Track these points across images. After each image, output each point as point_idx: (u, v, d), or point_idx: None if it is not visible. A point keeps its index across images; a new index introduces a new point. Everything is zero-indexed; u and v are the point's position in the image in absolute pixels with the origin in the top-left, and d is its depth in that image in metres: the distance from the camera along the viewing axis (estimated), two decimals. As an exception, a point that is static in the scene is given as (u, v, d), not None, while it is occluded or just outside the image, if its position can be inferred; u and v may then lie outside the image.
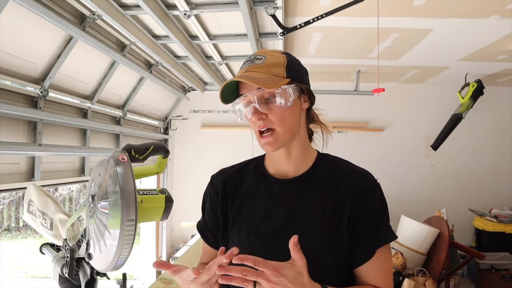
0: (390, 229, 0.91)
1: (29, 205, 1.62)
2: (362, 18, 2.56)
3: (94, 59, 2.60)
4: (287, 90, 0.88)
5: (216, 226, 1.02)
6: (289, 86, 0.89)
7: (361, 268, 0.89)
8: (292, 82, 0.89)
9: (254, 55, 0.92)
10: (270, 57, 0.91)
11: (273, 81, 0.86)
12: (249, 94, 0.89)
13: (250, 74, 0.87)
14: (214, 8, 2.14)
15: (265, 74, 0.87)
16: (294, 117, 0.91)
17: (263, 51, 0.94)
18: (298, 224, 0.90)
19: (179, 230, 4.78)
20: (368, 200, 0.90)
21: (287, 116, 0.89)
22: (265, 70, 0.88)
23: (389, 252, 0.92)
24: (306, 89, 0.94)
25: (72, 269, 1.40)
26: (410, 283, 3.04)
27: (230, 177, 1.03)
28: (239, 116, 0.95)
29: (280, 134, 0.89)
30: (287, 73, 0.89)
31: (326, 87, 4.46)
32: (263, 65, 0.89)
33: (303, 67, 0.96)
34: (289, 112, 0.89)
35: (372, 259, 0.88)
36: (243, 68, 0.91)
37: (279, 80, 0.87)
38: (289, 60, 0.92)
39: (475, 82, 4.09)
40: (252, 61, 0.91)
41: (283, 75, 0.89)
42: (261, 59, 0.90)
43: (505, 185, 4.68)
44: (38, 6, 1.70)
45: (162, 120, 4.61)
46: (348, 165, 0.97)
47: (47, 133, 2.31)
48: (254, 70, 0.89)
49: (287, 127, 0.90)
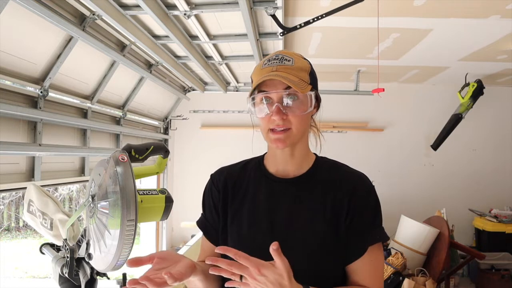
0: (383, 230, 0.94)
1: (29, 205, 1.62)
2: (362, 18, 2.56)
3: (94, 59, 2.60)
4: (311, 96, 0.91)
5: (218, 222, 1.03)
6: (313, 93, 0.92)
7: (351, 265, 0.91)
8: (313, 89, 0.93)
9: (282, 55, 0.93)
10: (297, 60, 0.92)
11: (302, 86, 0.89)
12: (273, 93, 0.89)
13: (283, 75, 0.88)
14: (214, 8, 2.14)
15: (296, 78, 0.89)
16: (307, 121, 0.95)
17: (288, 52, 0.95)
18: (299, 223, 0.92)
19: (179, 230, 4.78)
20: (364, 200, 0.93)
21: (304, 120, 0.93)
22: (295, 74, 0.89)
23: (380, 253, 0.94)
24: (319, 96, 0.97)
25: (72, 269, 1.40)
26: (410, 283, 3.04)
27: (231, 174, 1.04)
28: (254, 112, 0.94)
29: (293, 134, 0.91)
30: (310, 79, 0.92)
31: (326, 87, 4.45)
32: (293, 68, 0.90)
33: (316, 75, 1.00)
34: (306, 116, 0.93)
35: (362, 257, 0.90)
36: (269, 66, 0.91)
37: (305, 86, 0.90)
38: (311, 67, 0.95)
39: (475, 82, 4.09)
40: (281, 61, 0.91)
41: (308, 81, 0.91)
42: (290, 61, 0.91)
43: (505, 185, 4.69)
44: (38, 6, 1.70)
45: (162, 120, 4.61)
46: (345, 167, 1.00)
47: (47, 133, 2.31)
48: (284, 71, 0.89)
49: (301, 129, 0.92)
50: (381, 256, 0.95)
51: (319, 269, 0.90)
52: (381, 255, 0.95)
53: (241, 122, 4.75)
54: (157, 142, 1.54)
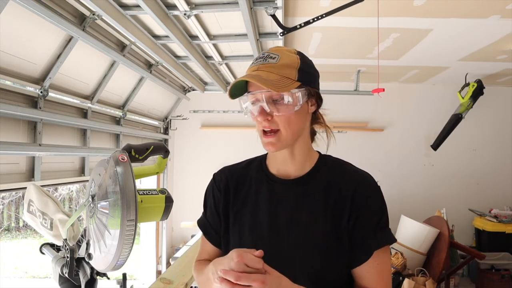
0: (389, 232, 0.90)
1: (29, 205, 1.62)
2: (362, 18, 2.56)
3: (94, 59, 2.60)
4: (296, 94, 0.87)
5: (219, 223, 1.02)
6: (299, 90, 0.87)
7: (357, 269, 0.89)
8: (303, 86, 0.88)
9: (268, 53, 0.90)
10: (284, 56, 0.88)
11: (284, 84, 0.85)
12: (257, 93, 0.87)
13: (261, 74, 0.85)
14: (214, 8, 2.13)
15: (277, 76, 0.85)
16: (299, 120, 0.90)
17: (278, 48, 0.92)
18: (300, 224, 0.90)
19: (179, 230, 4.78)
20: (368, 201, 0.89)
21: (293, 120, 0.88)
22: (277, 71, 0.86)
23: (387, 256, 0.91)
24: (315, 93, 0.92)
25: (72, 269, 1.40)
26: (410, 283, 3.04)
27: (233, 174, 1.03)
28: (245, 112, 0.93)
29: (284, 136, 0.89)
30: (299, 76, 0.87)
31: (326, 87, 4.45)
32: (275, 65, 0.87)
33: (315, 70, 0.94)
34: (295, 115, 0.88)
35: (369, 261, 0.87)
36: (254, 65, 0.89)
37: (290, 83, 0.85)
38: (302, 62, 0.90)
39: (475, 82, 4.09)
40: (265, 59, 0.88)
41: (295, 77, 0.87)
42: (275, 58, 0.88)
43: (505, 185, 4.68)
44: (38, 6, 1.70)
45: (162, 120, 4.61)
46: (349, 166, 0.97)
47: (47, 133, 2.31)
48: (265, 70, 0.86)
49: (291, 130, 0.89)
50: (388, 260, 0.92)
51: (321, 272, 0.88)
52: (388, 258, 0.92)
53: (241, 122, 4.74)
54: (157, 142, 1.54)
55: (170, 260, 4.03)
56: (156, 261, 4.65)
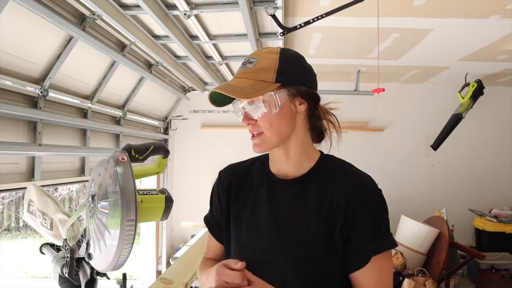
0: (390, 236, 0.87)
1: (29, 205, 1.62)
2: (362, 18, 2.56)
3: (94, 59, 2.60)
4: (272, 97, 0.85)
5: (223, 220, 1.03)
6: (276, 92, 0.85)
7: (355, 275, 0.86)
8: (283, 86, 0.86)
9: (248, 58, 0.90)
10: (262, 59, 0.87)
11: (256, 89, 0.84)
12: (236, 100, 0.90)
13: (234, 82, 0.86)
14: (214, 8, 2.13)
15: (251, 81, 0.85)
16: (283, 121, 0.88)
17: (258, 52, 0.92)
18: (296, 225, 0.90)
19: (179, 230, 4.78)
20: (365, 205, 0.86)
21: (275, 122, 0.87)
22: (253, 76, 0.86)
23: (388, 261, 0.87)
24: (302, 91, 0.89)
25: (72, 269, 1.40)
26: (410, 283, 3.04)
27: (236, 173, 1.04)
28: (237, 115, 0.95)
29: (268, 137, 0.89)
30: (278, 77, 0.85)
31: (326, 87, 4.45)
32: (251, 71, 0.87)
33: (302, 68, 0.91)
34: (277, 117, 0.87)
35: (367, 266, 0.84)
36: (237, 72, 0.91)
37: (265, 86, 0.84)
38: (283, 61, 0.87)
39: (475, 82, 4.09)
40: (244, 65, 0.89)
41: (272, 80, 0.85)
42: (253, 62, 0.88)
43: (505, 185, 4.68)
44: (38, 6, 1.70)
45: (162, 120, 4.61)
46: (350, 168, 0.95)
47: (47, 133, 2.31)
48: (241, 76, 0.88)
49: (275, 131, 0.88)
50: (389, 265, 0.89)
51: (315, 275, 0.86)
52: (389, 264, 0.88)
53: (241, 122, 4.74)
54: (157, 142, 1.54)
55: (170, 260, 4.04)
56: (156, 261, 4.65)
